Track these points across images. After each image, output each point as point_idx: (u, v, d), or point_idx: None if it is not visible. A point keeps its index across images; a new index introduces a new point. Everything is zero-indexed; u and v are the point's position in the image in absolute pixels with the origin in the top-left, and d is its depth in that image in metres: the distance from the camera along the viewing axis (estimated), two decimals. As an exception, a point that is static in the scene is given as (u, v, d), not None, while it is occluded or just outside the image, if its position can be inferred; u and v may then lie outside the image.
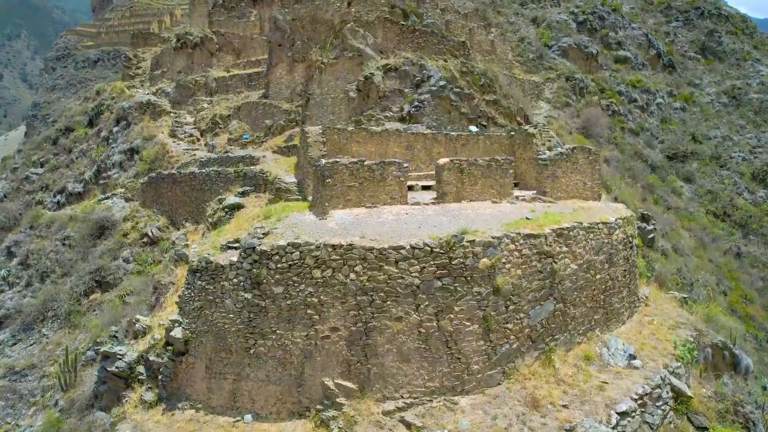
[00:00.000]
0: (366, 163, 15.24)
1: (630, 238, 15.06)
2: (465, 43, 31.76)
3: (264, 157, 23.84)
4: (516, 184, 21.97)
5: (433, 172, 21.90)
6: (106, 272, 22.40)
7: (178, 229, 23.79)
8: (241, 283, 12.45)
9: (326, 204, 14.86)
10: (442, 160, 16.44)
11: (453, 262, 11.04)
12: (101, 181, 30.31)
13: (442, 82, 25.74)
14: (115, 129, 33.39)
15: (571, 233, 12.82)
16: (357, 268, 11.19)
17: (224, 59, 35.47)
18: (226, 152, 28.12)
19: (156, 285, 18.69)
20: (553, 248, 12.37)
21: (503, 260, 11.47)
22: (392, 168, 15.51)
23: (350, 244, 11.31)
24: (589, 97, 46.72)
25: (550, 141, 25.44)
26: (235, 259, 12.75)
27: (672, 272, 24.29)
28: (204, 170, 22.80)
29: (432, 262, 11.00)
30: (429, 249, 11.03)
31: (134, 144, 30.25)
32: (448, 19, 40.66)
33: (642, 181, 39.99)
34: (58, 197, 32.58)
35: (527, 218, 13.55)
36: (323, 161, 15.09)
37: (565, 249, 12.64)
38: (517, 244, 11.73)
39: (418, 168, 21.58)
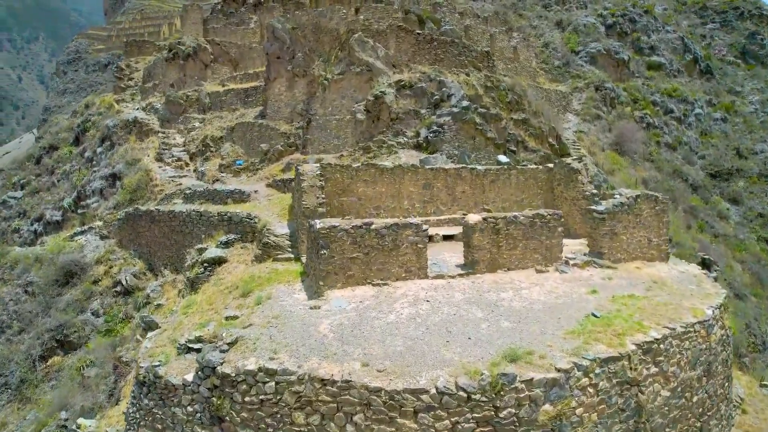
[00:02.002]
0: (373, 226, 11.62)
1: (728, 332, 11.24)
2: (489, 53, 27.99)
3: (256, 192, 20.34)
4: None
5: (457, 216, 18.28)
6: (70, 330, 19.07)
7: (156, 277, 20.42)
8: (198, 415, 8.90)
9: (321, 283, 11.28)
10: (473, 218, 12.74)
11: (500, 414, 7.35)
12: (80, 211, 27.08)
13: (465, 102, 22.01)
14: (99, 150, 30.18)
15: (661, 346, 9.04)
16: (357, 418, 7.56)
17: (220, 71, 32.08)
18: (216, 180, 24.74)
19: (117, 362, 15.27)
20: (639, 372, 8.63)
21: (573, 404, 7.75)
22: (408, 232, 11.87)
23: (346, 381, 7.67)
24: (621, 108, 42.66)
25: (582, 158, 21.75)
26: (190, 378, 9.19)
27: (741, 329, 20.38)
28: (185, 210, 19.37)
29: (469, 415, 7.32)
30: (465, 395, 7.35)
31: (116, 169, 26.97)
32: (467, 24, 36.89)
33: (683, 204, 35.91)
34: (36, 225, 29.46)
35: (594, 315, 9.83)
36: (318, 224, 11.48)
37: (654, 370, 8.89)
38: (591, 376, 8.00)
39: (437, 210, 17.94)
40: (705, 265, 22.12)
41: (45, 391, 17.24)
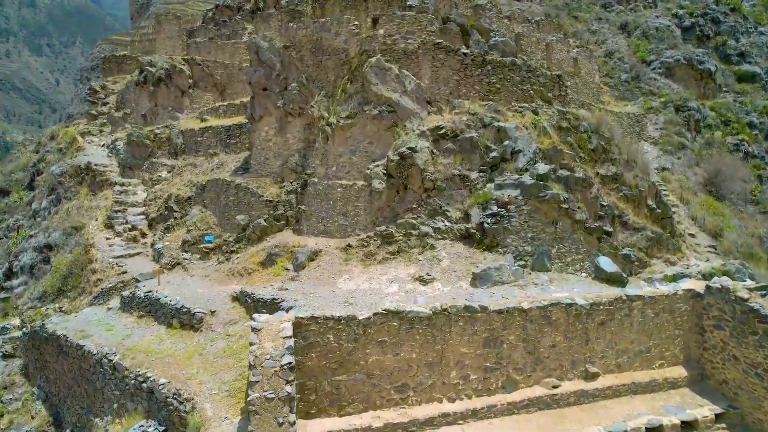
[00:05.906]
0: None
1: None
2: (560, 77, 20.01)
3: (212, 314, 12.88)
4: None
5: (543, 392, 10.53)
6: None
7: (63, 440, 13.30)
8: None
9: None
10: None
11: None
12: (3, 294, 20.26)
13: (541, 167, 14.14)
14: (44, 203, 23.39)
15: None
16: None
17: (201, 99, 24.89)
18: (177, 264, 17.50)
19: None
20: None
21: None
22: None
23: None
24: (710, 133, 33.92)
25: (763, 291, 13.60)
26: None
27: None
28: (96, 353, 12.10)
29: None
30: None
31: (51, 238, 20.04)
32: (518, 32, 28.85)
33: (807, 266, 27.11)
34: (-38, 303, 22.80)
35: None
36: None
37: None
38: None
39: (508, 382, 10.18)
40: None
41: None
